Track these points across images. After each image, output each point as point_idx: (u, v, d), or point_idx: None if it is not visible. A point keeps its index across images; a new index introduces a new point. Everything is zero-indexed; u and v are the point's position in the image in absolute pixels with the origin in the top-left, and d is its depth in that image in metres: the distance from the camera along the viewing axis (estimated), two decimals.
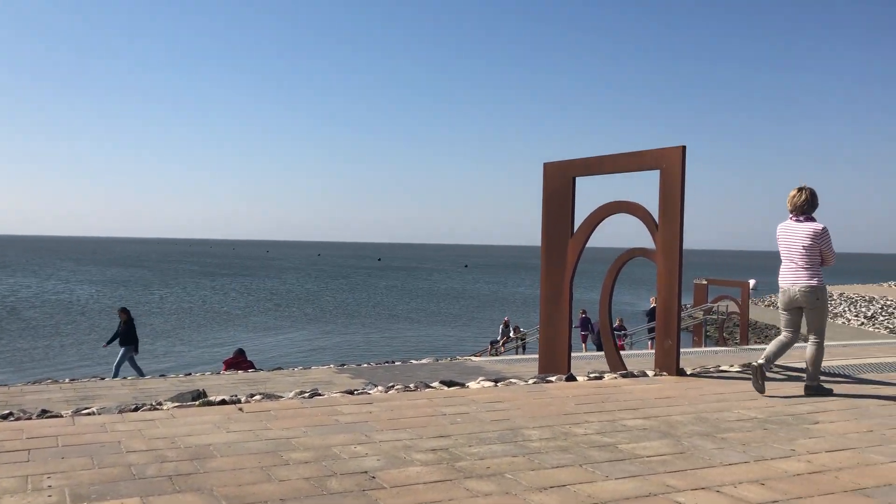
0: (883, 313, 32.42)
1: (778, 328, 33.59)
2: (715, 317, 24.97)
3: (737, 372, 7.27)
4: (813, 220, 6.24)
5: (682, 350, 13.53)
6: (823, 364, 8.23)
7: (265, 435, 4.26)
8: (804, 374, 6.27)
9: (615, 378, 6.71)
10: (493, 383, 6.26)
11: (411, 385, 6.05)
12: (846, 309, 35.20)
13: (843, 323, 32.96)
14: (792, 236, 6.24)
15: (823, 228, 6.17)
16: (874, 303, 34.53)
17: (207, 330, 37.65)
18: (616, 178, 7.80)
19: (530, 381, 6.44)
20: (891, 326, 29.54)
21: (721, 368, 7.47)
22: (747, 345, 22.84)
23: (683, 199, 7.07)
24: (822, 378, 6.98)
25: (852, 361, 8.58)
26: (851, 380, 7.02)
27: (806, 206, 6.22)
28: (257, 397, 5.45)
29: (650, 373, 7.02)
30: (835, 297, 38.34)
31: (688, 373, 7.13)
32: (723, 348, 18.53)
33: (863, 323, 31.84)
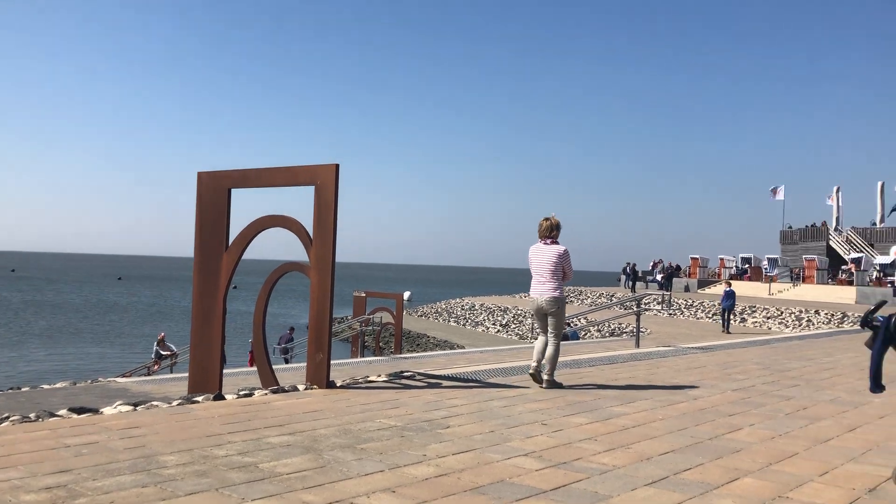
0: (515, 321, 36.58)
1: (427, 336, 35.95)
2: (371, 328, 26.12)
3: (384, 382, 7.62)
4: (557, 243, 7.47)
5: (340, 361, 13.81)
6: (458, 370, 9.00)
7: None
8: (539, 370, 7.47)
9: (265, 394, 6.63)
10: (132, 407, 5.80)
11: (31, 415, 5.36)
12: (486, 318, 39.10)
13: (483, 331, 36.59)
14: (540, 256, 7.44)
15: (565, 250, 7.43)
16: (508, 312, 38.81)
17: None
18: (281, 191, 7.75)
19: (175, 403, 6.08)
20: (520, 333, 33.45)
21: (369, 379, 7.77)
22: (401, 354, 24.20)
23: (337, 214, 7.26)
24: (456, 384, 7.64)
25: (483, 367, 9.49)
26: (482, 384, 7.74)
27: (551, 232, 7.44)
28: None
29: (301, 387, 7.06)
30: (476, 308, 42.38)
31: (338, 385, 7.30)
32: (378, 358, 19.43)
33: (499, 330, 35.63)
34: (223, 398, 6.38)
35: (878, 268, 39.96)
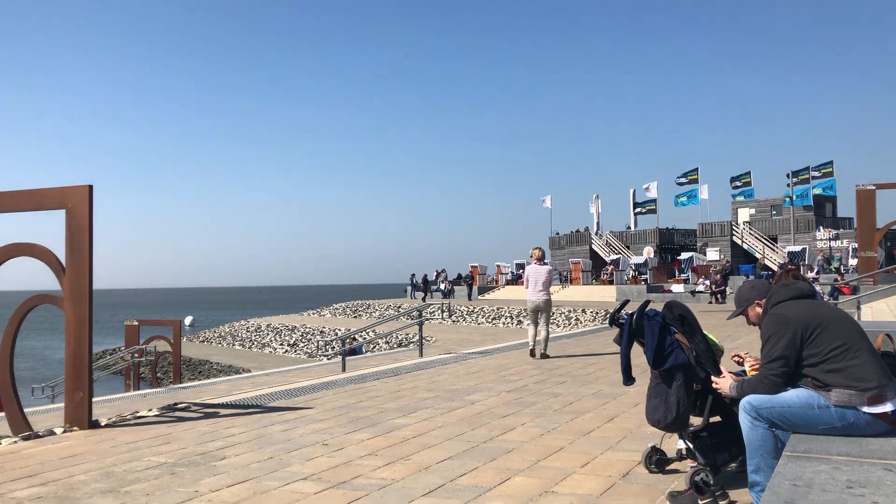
0: (303, 340, 36.01)
1: (210, 362, 34.39)
2: (144, 359, 24.54)
3: (154, 416, 7.14)
4: (545, 263, 11.80)
5: (111, 396, 12.81)
6: (240, 396, 8.69)
7: None
8: None
9: (15, 442, 5.96)
10: None
11: None
12: (273, 339, 38.12)
13: (271, 352, 35.65)
14: (538, 272, 11.47)
15: (551, 269, 12.00)
16: (296, 331, 38.11)
17: None
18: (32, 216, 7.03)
19: None
20: (309, 351, 32.98)
21: (139, 415, 7.24)
22: (181, 383, 22.93)
23: (92, 239, 6.72)
24: (236, 411, 7.34)
25: (268, 391, 9.21)
26: (262, 409, 7.49)
27: (542, 257, 11.71)
28: None
29: (59, 430, 6.43)
30: (263, 329, 41.24)
31: (102, 424, 6.74)
32: (155, 390, 18.22)
33: (287, 350, 34.89)
34: None
35: (633, 267, 44.06)
